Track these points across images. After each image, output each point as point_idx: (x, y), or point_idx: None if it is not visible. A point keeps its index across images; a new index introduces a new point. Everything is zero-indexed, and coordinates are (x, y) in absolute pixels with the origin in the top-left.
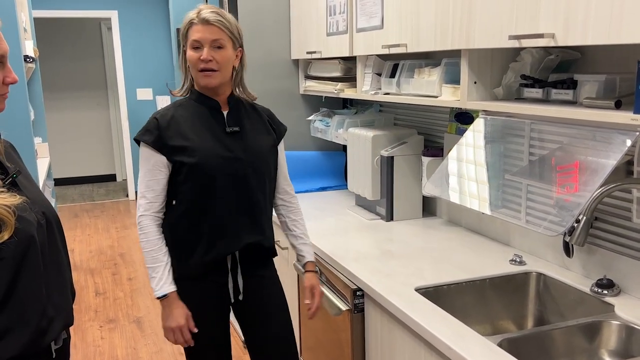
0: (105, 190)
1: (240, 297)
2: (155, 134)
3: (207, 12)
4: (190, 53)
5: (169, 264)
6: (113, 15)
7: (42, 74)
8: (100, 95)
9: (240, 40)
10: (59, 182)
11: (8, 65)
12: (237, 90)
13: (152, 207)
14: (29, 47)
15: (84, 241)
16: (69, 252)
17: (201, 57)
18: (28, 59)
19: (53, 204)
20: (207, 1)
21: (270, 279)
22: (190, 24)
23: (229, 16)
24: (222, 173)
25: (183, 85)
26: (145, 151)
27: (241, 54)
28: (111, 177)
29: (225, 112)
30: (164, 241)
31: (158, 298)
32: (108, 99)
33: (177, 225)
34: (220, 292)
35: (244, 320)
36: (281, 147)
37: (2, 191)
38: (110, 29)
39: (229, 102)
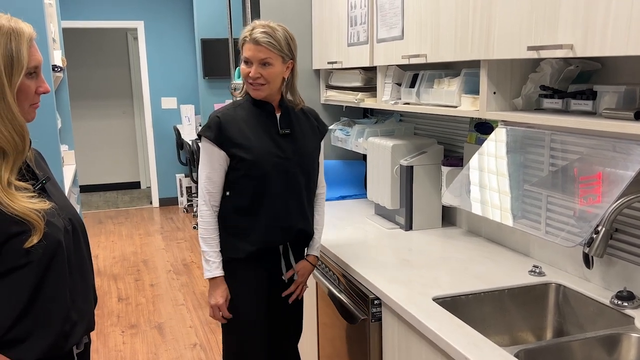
0: (129, 198)
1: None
2: (217, 130)
3: (258, 32)
4: (242, 67)
5: (218, 255)
6: (139, 25)
7: (69, 83)
8: (126, 103)
9: (291, 54)
10: (84, 189)
11: (41, 75)
12: (288, 95)
13: (212, 198)
14: (58, 57)
15: (107, 247)
16: (93, 257)
17: (250, 74)
18: (56, 69)
19: (78, 211)
20: (230, 19)
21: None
22: (244, 40)
23: (280, 34)
24: (274, 170)
25: (242, 89)
26: (206, 146)
27: (292, 65)
28: (135, 185)
29: (278, 115)
30: (218, 231)
31: (207, 278)
32: (133, 108)
33: (230, 214)
34: (269, 277)
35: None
36: (322, 144)
37: (33, 196)
38: (136, 38)
39: (280, 106)
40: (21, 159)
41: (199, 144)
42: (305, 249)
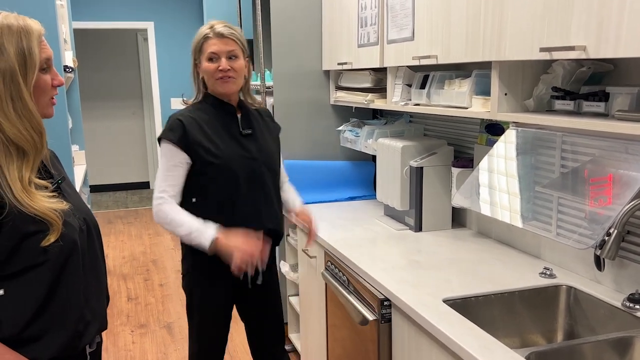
0: (139, 198)
1: (259, 282)
2: (180, 133)
3: (220, 26)
4: (207, 64)
5: (194, 218)
6: (149, 26)
7: (80, 84)
8: (136, 104)
9: (248, 51)
10: (94, 189)
11: (54, 68)
12: (244, 96)
13: (173, 197)
14: (69, 58)
15: (117, 247)
16: None
17: (220, 67)
18: (67, 69)
19: None
20: (241, 20)
21: (274, 267)
22: (205, 38)
23: (239, 29)
24: (243, 172)
25: (197, 96)
26: (168, 149)
27: (248, 63)
28: (145, 185)
29: (239, 116)
30: (183, 211)
31: (210, 247)
32: (143, 108)
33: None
34: (235, 285)
35: (252, 300)
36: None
37: (53, 196)
38: (146, 39)
39: (239, 107)
40: (40, 157)
41: (159, 148)
42: (287, 211)
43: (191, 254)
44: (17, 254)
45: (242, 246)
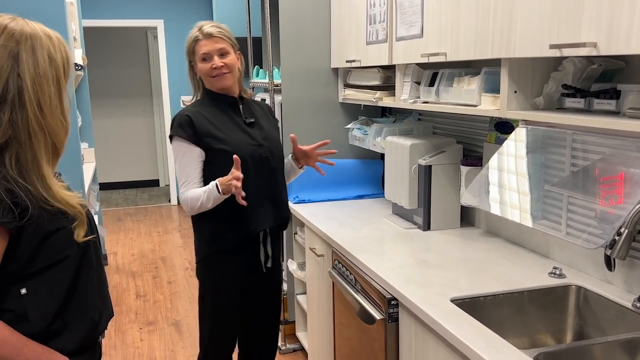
0: (148, 195)
1: (269, 264)
2: (189, 128)
3: (208, 27)
4: (201, 65)
5: (205, 189)
6: (159, 24)
7: (89, 81)
8: (145, 102)
9: (237, 45)
10: (103, 186)
11: None
12: (241, 87)
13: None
14: (78, 56)
15: (126, 244)
16: (112, 254)
17: (213, 66)
18: (77, 67)
19: (97, 208)
20: (249, 18)
21: (279, 258)
22: (196, 40)
23: (225, 27)
24: (251, 158)
25: (195, 94)
26: (180, 145)
27: (240, 57)
28: (154, 183)
29: (240, 106)
30: (196, 189)
31: (220, 191)
32: (153, 106)
33: (215, 208)
34: (250, 264)
35: (259, 288)
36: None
37: (73, 192)
38: (156, 37)
39: (240, 99)
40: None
41: (171, 145)
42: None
43: (205, 241)
44: (40, 254)
45: (230, 176)
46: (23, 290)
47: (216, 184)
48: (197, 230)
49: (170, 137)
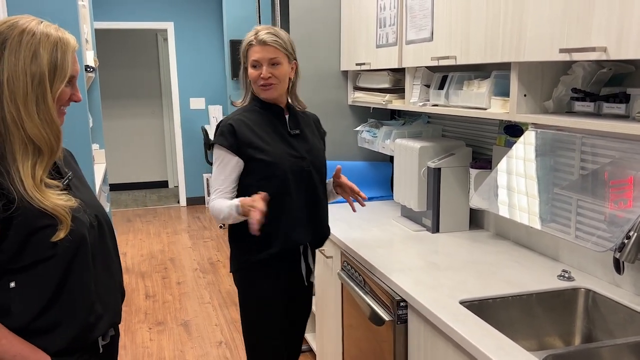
0: (157, 196)
1: (312, 279)
2: (230, 137)
3: (263, 33)
4: (251, 71)
5: (229, 204)
6: (169, 26)
7: (100, 83)
8: (155, 103)
9: (294, 54)
10: (113, 187)
11: (76, 85)
12: (291, 98)
13: (224, 197)
14: (90, 58)
15: (136, 245)
16: (121, 255)
17: (261, 75)
18: (89, 69)
19: (108, 209)
20: (260, 20)
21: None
22: (249, 45)
23: (283, 34)
24: (291, 170)
25: (245, 97)
26: (220, 153)
27: (296, 66)
28: (164, 184)
29: (287, 117)
30: (223, 200)
31: (238, 211)
32: (162, 108)
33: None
34: (291, 278)
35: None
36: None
37: (62, 193)
38: (166, 40)
39: (287, 109)
40: (53, 159)
41: (213, 151)
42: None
43: (240, 251)
44: (27, 248)
45: (252, 203)
46: (12, 284)
47: (237, 204)
48: (232, 239)
49: (212, 145)
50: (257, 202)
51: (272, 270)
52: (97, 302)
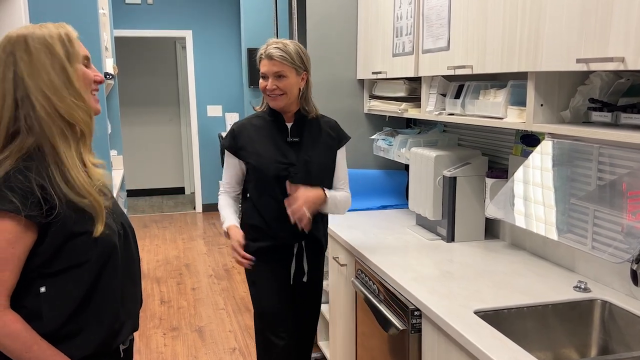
0: (174, 203)
1: (305, 279)
2: (230, 140)
3: (271, 47)
4: (260, 81)
5: (231, 214)
6: (188, 34)
7: (119, 90)
8: (173, 111)
9: (304, 66)
10: (130, 193)
11: (93, 66)
12: (303, 106)
13: (228, 191)
14: (110, 65)
15: (152, 251)
16: None
17: (267, 87)
18: (108, 76)
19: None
20: (277, 29)
21: (319, 277)
22: (260, 58)
23: (292, 48)
24: (275, 175)
25: (262, 104)
26: (226, 153)
27: (306, 77)
28: (180, 190)
29: (289, 125)
30: (230, 207)
31: (225, 231)
32: (180, 115)
33: (248, 213)
34: (285, 273)
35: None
36: (341, 152)
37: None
38: (184, 47)
39: (295, 116)
40: (92, 136)
41: None
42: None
43: (251, 246)
44: (62, 253)
45: (233, 247)
46: (42, 289)
47: (226, 230)
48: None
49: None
50: (235, 251)
51: (262, 264)
52: (122, 309)
